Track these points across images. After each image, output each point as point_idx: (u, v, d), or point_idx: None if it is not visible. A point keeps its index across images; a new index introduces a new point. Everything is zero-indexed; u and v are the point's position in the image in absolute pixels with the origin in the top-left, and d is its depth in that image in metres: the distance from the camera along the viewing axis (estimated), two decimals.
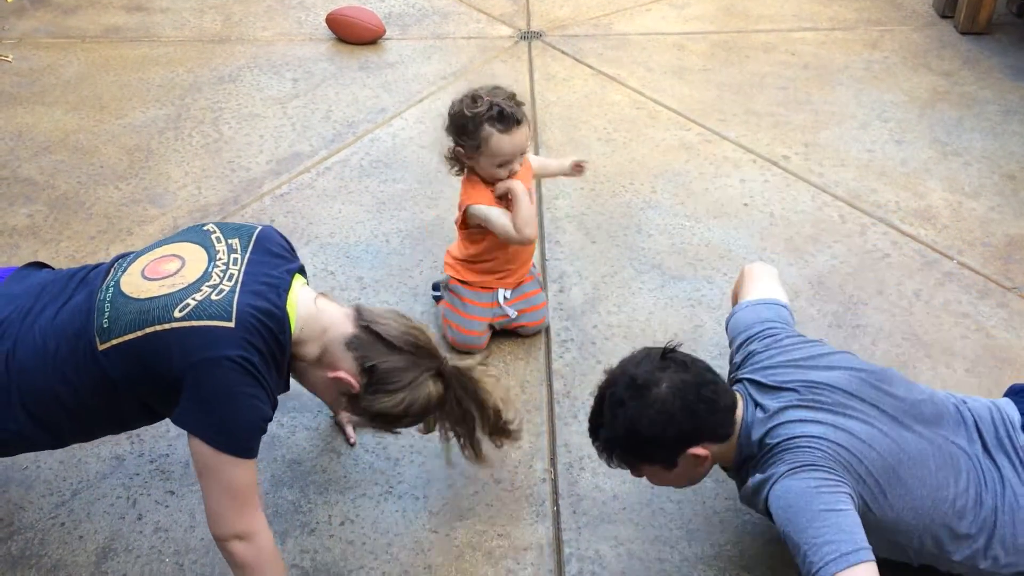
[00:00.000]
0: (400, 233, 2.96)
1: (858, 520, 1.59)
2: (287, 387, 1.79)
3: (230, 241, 1.73)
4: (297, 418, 2.30)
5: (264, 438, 1.68)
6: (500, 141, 2.24)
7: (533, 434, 2.28)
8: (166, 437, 2.24)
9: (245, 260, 1.70)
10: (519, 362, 2.49)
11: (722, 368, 2.45)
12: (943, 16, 4.35)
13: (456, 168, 2.40)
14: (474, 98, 2.26)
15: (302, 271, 1.82)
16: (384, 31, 4.17)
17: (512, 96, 2.29)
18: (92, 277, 1.75)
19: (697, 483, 1.88)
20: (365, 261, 2.84)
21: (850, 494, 1.62)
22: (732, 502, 2.11)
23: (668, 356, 1.76)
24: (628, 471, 1.84)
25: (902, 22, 4.34)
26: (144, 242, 2.92)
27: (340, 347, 1.71)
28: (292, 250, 1.87)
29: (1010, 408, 1.83)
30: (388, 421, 1.78)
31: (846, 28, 4.30)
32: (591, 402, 2.34)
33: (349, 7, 4.17)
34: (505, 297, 2.48)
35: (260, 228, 1.81)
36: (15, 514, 2.06)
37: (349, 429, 2.25)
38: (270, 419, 1.67)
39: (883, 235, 2.96)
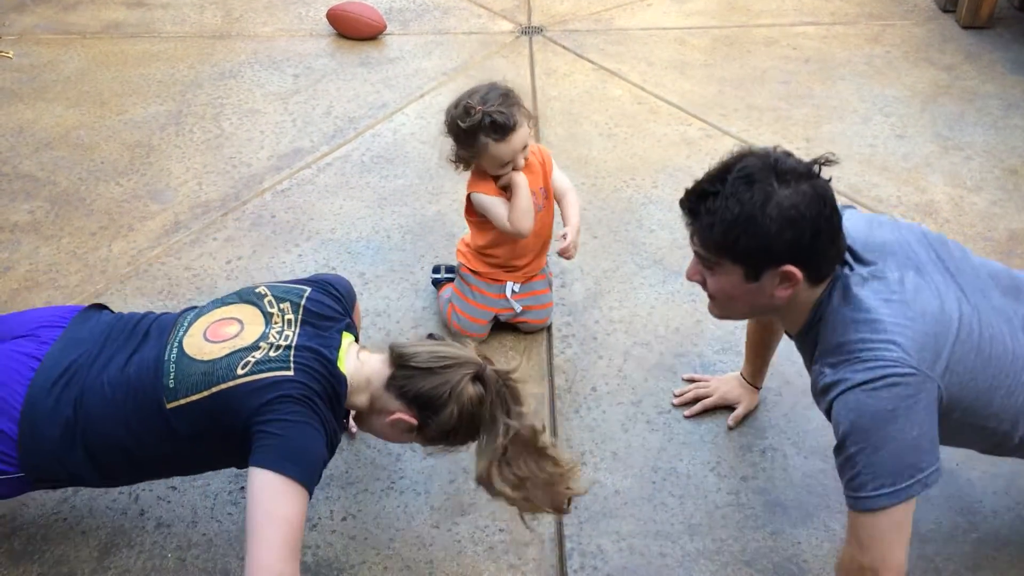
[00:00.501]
0: (401, 229, 2.96)
1: (927, 443, 1.50)
2: (345, 429, 1.87)
3: (282, 305, 1.82)
4: None
5: None
6: (497, 149, 2.25)
7: None
8: None
9: (298, 322, 1.79)
10: (520, 357, 2.49)
11: (725, 365, 2.46)
12: (945, 10, 4.34)
13: (462, 167, 2.40)
14: (467, 110, 2.24)
15: (349, 327, 1.88)
16: (385, 27, 4.16)
17: (506, 95, 2.26)
18: (155, 331, 1.82)
19: (743, 318, 1.71)
20: (366, 257, 2.84)
21: (930, 402, 1.50)
22: (734, 496, 2.11)
23: (820, 166, 1.54)
24: (691, 264, 1.66)
25: (904, 16, 4.34)
26: (145, 238, 2.92)
27: (384, 391, 1.77)
28: (343, 301, 1.94)
29: None
30: (452, 439, 1.79)
31: (847, 22, 4.29)
32: (592, 397, 2.36)
33: (350, 2, 4.16)
34: (513, 291, 2.48)
35: (309, 292, 1.87)
36: (18, 510, 2.07)
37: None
38: (328, 460, 1.70)
39: None
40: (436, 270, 2.67)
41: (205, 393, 1.66)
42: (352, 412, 1.88)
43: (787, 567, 1.97)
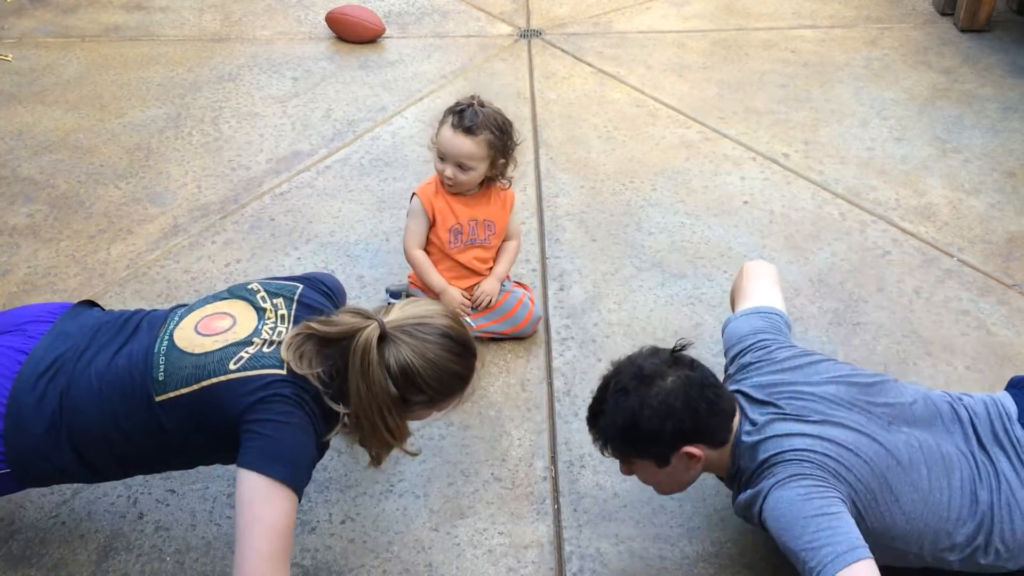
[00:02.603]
0: (400, 232, 2.95)
1: (851, 521, 1.59)
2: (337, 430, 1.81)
3: (275, 300, 1.80)
4: None
5: None
6: (444, 132, 2.33)
7: (534, 432, 2.28)
8: None
9: (291, 318, 1.77)
10: (520, 360, 2.49)
11: (721, 365, 2.46)
12: (943, 13, 4.35)
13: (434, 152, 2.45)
14: (473, 96, 2.37)
15: None
16: (384, 30, 4.17)
17: (502, 125, 2.34)
18: (145, 325, 1.80)
19: (683, 489, 1.87)
20: (365, 260, 2.84)
21: (842, 498, 1.62)
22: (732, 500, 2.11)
23: (676, 354, 1.77)
24: (620, 464, 1.83)
25: (902, 20, 4.34)
26: (144, 240, 2.92)
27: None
28: (335, 299, 1.93)
29: (1007, 401, 1.84)
30: (400, 397, 1.70)
31: (846, 26, 4.30)
32: (591, 399, 2.35)
33: (349, 6, 4.17)
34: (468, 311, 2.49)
35: (302, 288, 1.86)
36: (16, 513, 2.06)
37: None
38: (317, 461, 1.69)
39: (883, 232, 2.96)
40: (395, 295, 2.61)
41: (195, 387, 1.64)
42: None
43: (785, 570, 1.96)
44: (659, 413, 1.68)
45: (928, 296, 2.70)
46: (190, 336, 1.71)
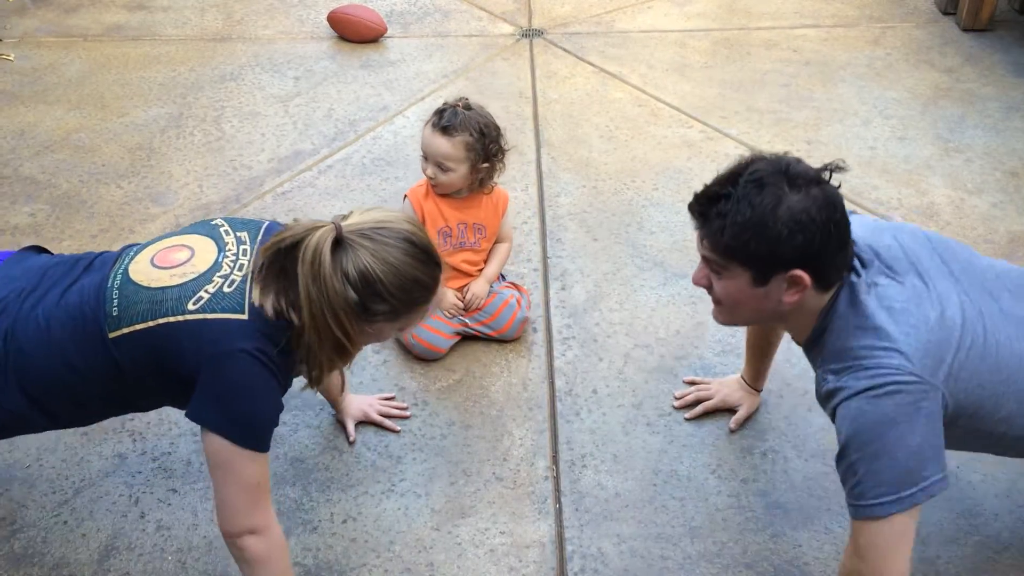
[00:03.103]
0: None
1: (929, 451, 1.49)
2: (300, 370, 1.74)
3: (238, 233, 1.72)
4: (299, 416, 2.30)
5: None
6: (424, 132, 2.37)
7: (535, 431, 2.28)
8: (168, 435, 2.24)
9: (254, 251, 1.68)
10: (521, 359, 2.49)
11: (726, 367, 2.46)
12: (945, 13, 4.35)
13: None
14: (461, 98, 2.40)
15: None
16: (386, 29, 4.17)
17: (485, 129, 2.34)
18: (99, 263, 1.73)
19: (747, 323, 1.71)
20: None
21: (933, 410, 1.49)
22: (735, 499, 2.11)
23: (830, 172, 1.55)
24: (699, 269, 1.64)
25: (904, 19, 4.34)
26: (146, 240, 2.91)
27: None
28: None
29: None
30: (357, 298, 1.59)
31: (848, 25, 4.30)
32: (593, 400, 2.36)
33: (351, 5, 4.17)
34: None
35: (267, 222, 1.80)
36: (17, 512, 2.06)
37: (350, 427, 2.25)
38: (282, 408, 1.66)
39: None
40: None
41: (151, 323, 1.56)
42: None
43: (788, 570, 1.96)
44: (794, 220, 1.46)
45: None
46: (146, 269, 1.63)
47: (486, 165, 2.39)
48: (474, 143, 2.33)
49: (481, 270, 2.53)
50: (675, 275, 2.77)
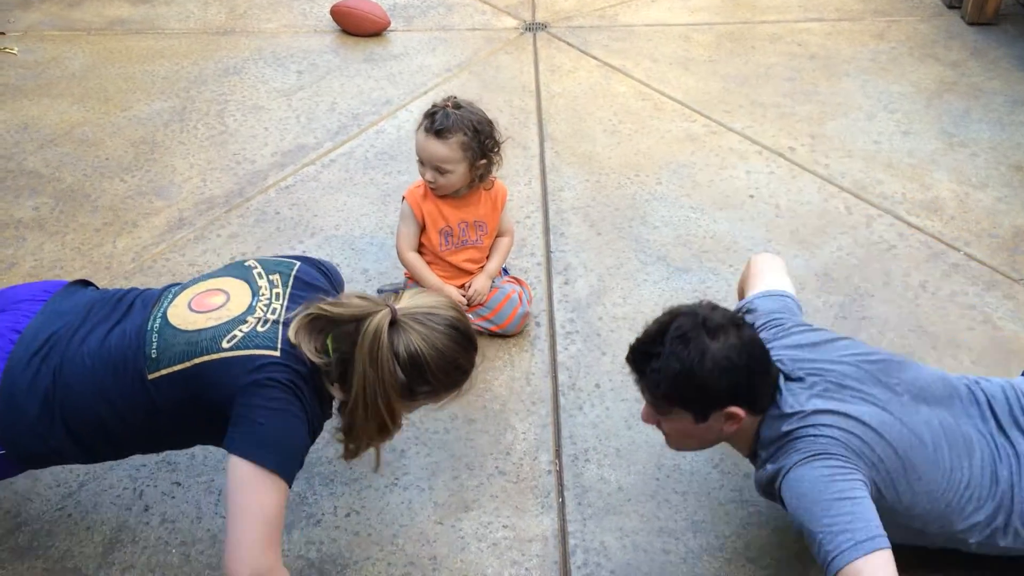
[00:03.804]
0: None
1: (872, 507, 1.58)
2: (329, 415, 1.80)
3: (271, 277, 1.78)
4: None
5: None
6: (418, 137, 2.35)
7: (538, 426, 2.28)
8: None
9: (287, 295, 1.74)
10: (524, 354, 2.49)
11: None
12: (950, 6, 4.33)
13: None
14: (450, 96, 2.37)
15: None
16: (389, 23, 4.16)
17: (478, 125, 2.31)
18: (139, 304, 1.78)
19: (699, 449, 1.86)
20: (370, 253, 2.84)
21: (864, 480, 1.61)
22: (737, 493, 2.11)
23: (738, 314, 1.73)
24: (646, 410, 1.79)
25: (909, 12, 4.32)
26: (149, 234, 2.92)
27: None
28: (331, 279, 1.91)
29: None
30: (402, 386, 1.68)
31: (853, 19, 4.28)
32: (596, 394, 2.36)
33: None
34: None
35: (299, 264, 1.84)
36: (22, 505, 2.07)
37: None
38: (309, 447, 1.68)
39: (889, 226, 2.95)
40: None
41: (187, 364, 1.62)
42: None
43: (790, 563, 1.96)
44: (719, 367, 1.63)
45: (934, 290, 2.70)
46: (183, 313, 1.69)
47: (483, 161, 2.37)
48: (469, 142, 2.31)
49: (483, 267, 2.53)
50: (678, 270, 2.77)
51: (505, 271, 2.62)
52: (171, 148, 3.36)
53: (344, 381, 1.65)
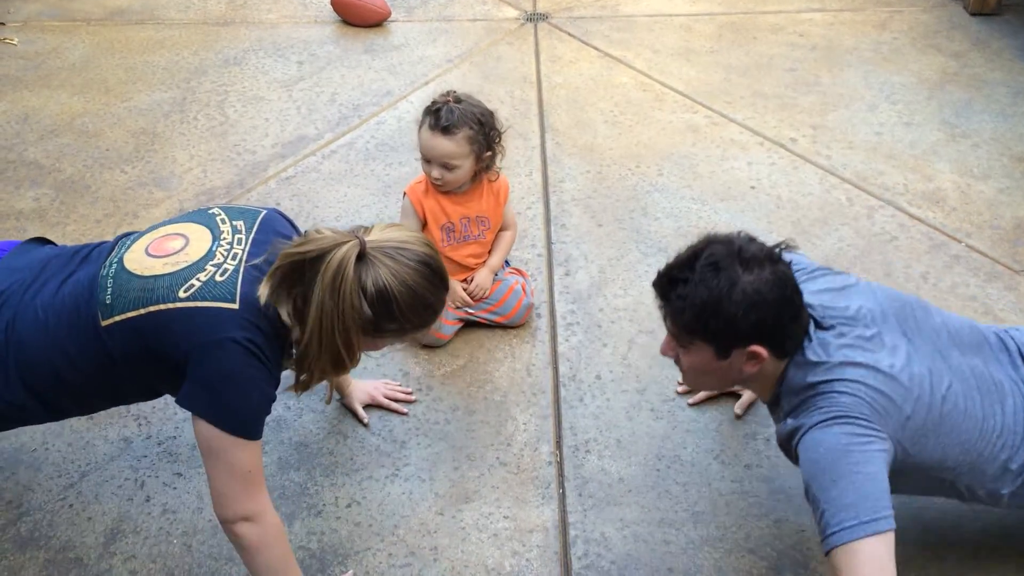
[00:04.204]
0: None
1: (885, 485, 1.54)
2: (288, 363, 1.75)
3: (235, 223, 1.72)
4: (304, 400, 2.31)
5: (270, 420, 1.68)
6: (422, 135, 2.32)
7: (539, 417, 2.28)
8: (173, 420, 2.25)
9: (249, 240, 1.68)
10: (525, 345, 2.49)
11: None
12: None
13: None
14: (448, 92, 2.34)
15: None
16: (390, 13, 4.15)
17: (481, 116, 2.29)
18: (96, 254, 1.74)
19: (716, 389, 1.80)
20: None
21: (884, 449, 1.56)
22: (738, 484, 2.11)
23: (777, 249, 1.65)
24: (666, 342, 1.74)
25: (911, 3, 4.31)
26: (150, 225, 2.91)
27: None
28: (298, 231, 1.85)
29: None
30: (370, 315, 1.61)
31: (855, 9, 4.27)
32: (596, 385, 2.36)
33: None
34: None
35: (265, 211, 1.80)
36: (24, 496, 2.08)
37: (360, 411, 2.26)
38: (274, 399, 1.66)
39: (891, 218, 2.95)
40: None
41: (142, 311, 1.57)
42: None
43: (791, 555, 1.97)
44: (748, 300, 1.56)
45: (935, 282, 2.69)
46: (140, 258, 1.64)
47: (488, 153, 2.37)
48: (475, 135, 2.30)
49: (485, 261, 2.52)
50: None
51: (507, 263, 2.61)
52: (171, 139, 3.36)
53: (302, 315, 1.57)
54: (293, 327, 1.59)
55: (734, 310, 1.57)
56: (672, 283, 1.64)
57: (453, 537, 2.01)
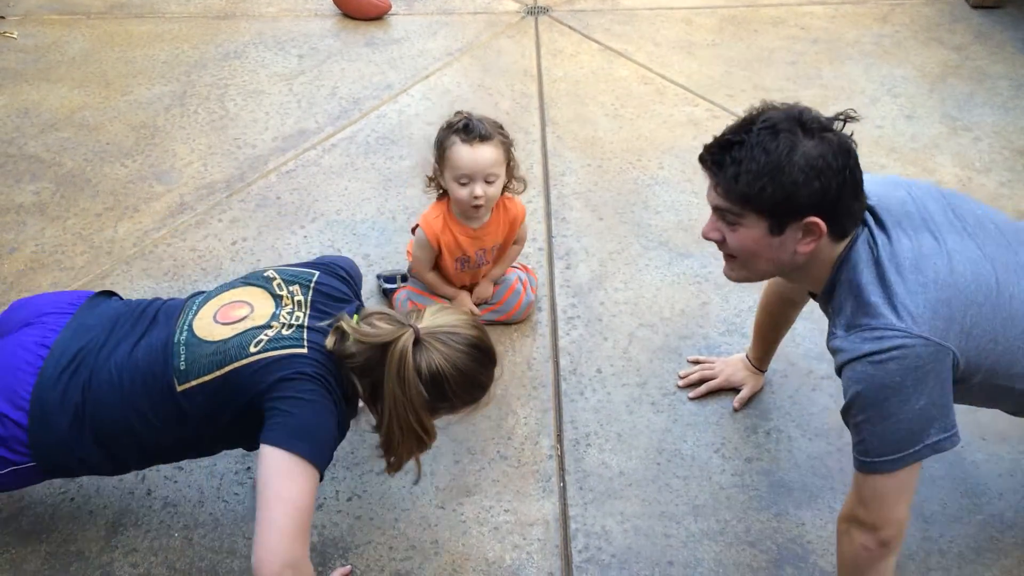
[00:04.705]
0: (407, 210, 2.95)
1: (930, 414, 1.49)
2: (355, 414, 1.85)
3: (291, 288, 1.81)
4: None
5: None
6: (460, 151, 2.19)
7: (540, 410, 2.28)
8: None
9: (308, 303, 1.78)
10: (526, 339, 2.49)
11: (731, 346, 2.46)
12: None
13: (432, 186, 2.36)
14: (456, 113, 2.27)
15: (359, 310, 1.85)
16: (390, 7, 4.14)
17: (497, 125, 2.26)
18: (162, 316, 1.81)
19: (765, 278, 1.69)
20: (371, 238, 2.84)
21: (939, 375, 1.48)
22: (738, 478, 2.11)
23: (840, 119, 1.54)
24: (712, 219, 1.62)
25: None
26: (150, 219, 2.92)
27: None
28: (350, 284, 1.92)
29: None
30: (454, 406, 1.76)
31: (856, 2, 4.25)
32: (597, 379, 2.36)
33: None
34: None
35: (318, 275, 1.86)
36: (26, 489, 2.08)
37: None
38: (341, 439, 1.72)
39: None
40: (390, 280, 2.60)
41: (217, 373, 1.65)
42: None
43: (791, 548, 1.97)
44: (810, 166, 1.45)
45: None
46: (210, 325, 1.72)
47: (513, 163, 2.31)
48: (505, 140, 2.26)
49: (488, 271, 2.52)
50: (680, 255, 2.76)
51: None
52: (172, 133, 3.35)
53: (375, 401, 1.70)
54: (364, 390, 1.71)
55: (796, 175, 1.45)
56: (724, 148, 1.52)
57: (454, 530, 2.01)
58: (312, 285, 1.83)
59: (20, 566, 1.93)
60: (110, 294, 1.97)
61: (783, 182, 1.46)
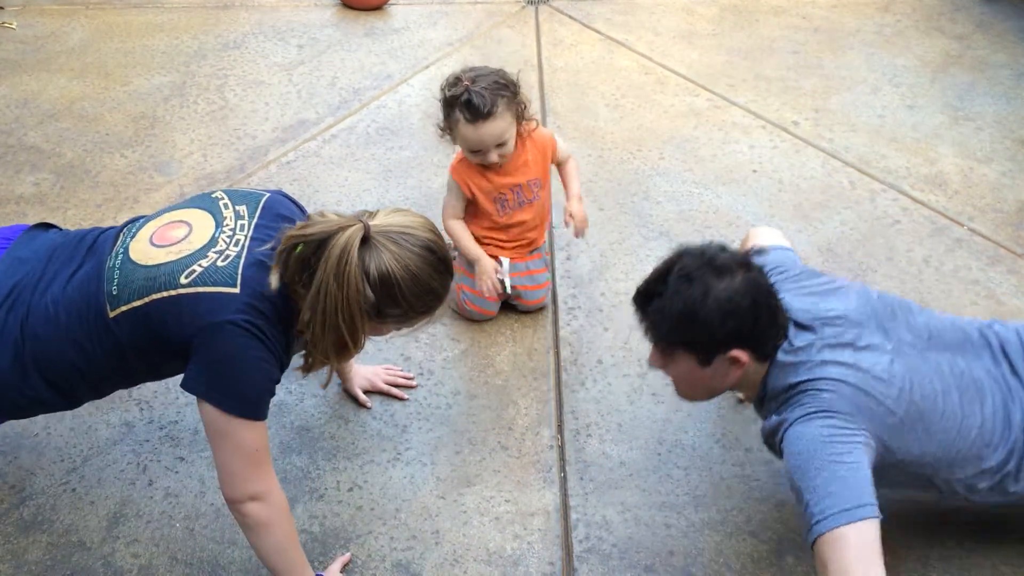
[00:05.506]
0: (407, 201, 2.95)
1: (867, 475, 1.56)
2: (300, 347, 1.75)
3: (238, 207, 1.73)
4: (305, 385, 2.31)
5: (272, 405, 1.68)
6: (465, 131, 2.22)
7: (540, 401, 2.28)
8: (176, 404, 2.26)
9: (252, 225, 1.69)
10: (526, 330, 2.49)
11: None
12: None
13: (448, 136, 2.35)
14: (456, 78, 2.24)
15: None
16: None
17: (500, 83, 2.22)
18: (101, 243, 1.75)
19: (706, 398, 1.83)
20: None
21: (865, 443, 1.59)
22: (739, 468, 2.12)
23: (747, 256, 1.69)
24: (652, 355, 1.76)
25: None
26: (150, 210, 2.91)
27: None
28: (303, 212, 1.83)
29: None
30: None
31: None
32: (598, 369, 2.36)
33: None
34: (506, 268, 2.45)
35: (269, 194, 1.80)
36: (26, 480, 2.08)
37: (362, 396, 2.26)
38: (278, 380, 1.67)
39: (893, 201, 2.94)
40: None
41: (146, 299, 1.59)
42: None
43: (792, 538, 1.97)
44: (723, 308, 1.60)
45: (938, 265, 2.69)
46: (145, 248, 1.65)
47: (523, 108, 2.30)
48: (509, 99, 2.24)
49: (536, 231, 2.49)
50: (680, 245, 2.75)
51: (540, 249, 2.57)
52: (171, 123, 3.35)
53: (306, 298, 1.58)
54: (304, 311, 1.59)
55: (710, 317, 1.61)
56: (648, 298, 1.69)
57: (455, 521, 2.01)
58: (261, 203, 1.74)
59: (21, 557, 1.93)
60: (48, 226, 1.89)
61: (700, 324, 1.62)
